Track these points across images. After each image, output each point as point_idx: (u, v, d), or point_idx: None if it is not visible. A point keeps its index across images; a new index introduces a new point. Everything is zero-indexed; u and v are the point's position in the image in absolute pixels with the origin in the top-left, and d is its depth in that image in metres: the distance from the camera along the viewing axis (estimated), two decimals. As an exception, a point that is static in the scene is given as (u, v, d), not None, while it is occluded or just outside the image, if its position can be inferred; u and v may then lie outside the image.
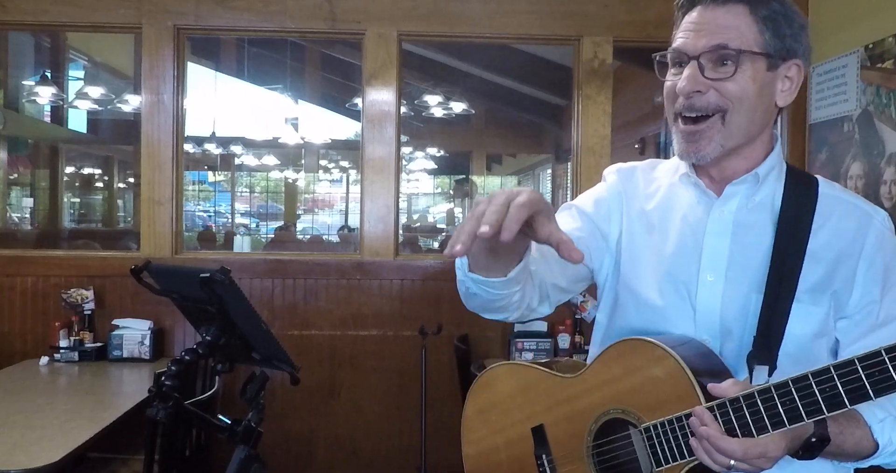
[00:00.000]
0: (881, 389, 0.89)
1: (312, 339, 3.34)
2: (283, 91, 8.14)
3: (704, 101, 1.10)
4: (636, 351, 1.12)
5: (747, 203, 1.17)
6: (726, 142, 1.12)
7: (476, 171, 11.43)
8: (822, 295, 1.12)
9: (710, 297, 1.15)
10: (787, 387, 0.96)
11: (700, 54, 1.10)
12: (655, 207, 1.25)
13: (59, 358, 3.07)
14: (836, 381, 0.92)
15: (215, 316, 1.49)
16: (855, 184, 2.88)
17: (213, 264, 1.94)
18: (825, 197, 1.16)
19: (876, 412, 1.08)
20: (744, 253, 1.15)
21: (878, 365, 0.88)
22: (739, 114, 1.11)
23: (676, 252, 1.20)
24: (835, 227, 1.14)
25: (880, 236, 1.14)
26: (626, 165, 1.34)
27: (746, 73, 1.09)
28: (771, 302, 1.10)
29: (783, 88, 1.14)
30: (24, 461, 1.89)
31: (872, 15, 2.84)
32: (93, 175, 9.89)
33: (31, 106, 7.43)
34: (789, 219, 1.13)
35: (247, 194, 14.12)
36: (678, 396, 1.06)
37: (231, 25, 3.35)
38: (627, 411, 1.14)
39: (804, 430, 1.00)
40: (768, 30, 1.10)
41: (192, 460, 2.69)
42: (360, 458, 3.37)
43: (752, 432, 0.98)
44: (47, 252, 3.68)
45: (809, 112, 3.25)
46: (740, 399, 0.99)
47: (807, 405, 0.94)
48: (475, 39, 3.47)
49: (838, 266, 1.12)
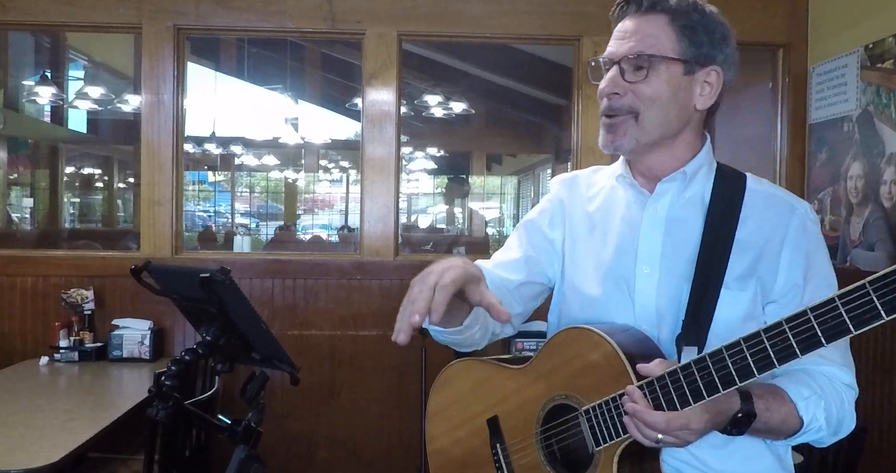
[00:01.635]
0: (783, 357, 0.97)
1: (312, 339, 3.34)
2: (283, 91, 8.13)
3: (620, 103, 1.22)
4: (576, 338, 1.21)
5: (678, 199, 1.26)
6: (641, 138, 1.22)
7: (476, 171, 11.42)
8: (749, 281, 1.20)
9: (646, 289, 1.24)
10: (705, 361, 1.03)
11: (621, 59, 1.21)
12: (597, 209, 1.35)
13: (59, 358, 3.07)
14: (745, 353, 1.00)
15: (215, 316, 1.49)
16: (855, 183, 2.88)
17: (213, 264, 1.94)
18: (752, 191, 1.25)
19: (801, 390, 1.15)
20: (676, 245, 1.24)
21: (780, 335, 0.97)
22: (651, 113, 1.21)
23: (616, 248, 1.29)
24: (760, 218, 1.22)
25: (802, 225, 1.22)
26: (568, 174, 1.45)
27: (661, 77, 1.20)
28: (699, 288, 1.19)
29: (701, 92, 1.23)
30: (24, 461, 1.89)
31: (872, 15, 2.84)
32: (93, 175, 9.89)
33: (31, 106, 7.43)
34: (717, 212, 1.22)
35: (247, 194, 14.11)
36: (614, 378, 1.13)
37: (231, 25, 3.35)
38: (570, 396, 1.21)
39: (730, 406, 1.08)
40: (686, 38, 1.20)
41: (192, 460, 2.69)
42: (360, 458, 3.37)
43: (676, 406, 1.05)
44: (47, 252, 3.68)
45: (809, 112, 3.25)
46: (665, 376, 1.06)
47: (722, 377, 1.02)
48: (475, 39, 3.47)
49: (763, 253, 1.21)
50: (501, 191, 12.07)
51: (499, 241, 10.21)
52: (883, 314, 0.89)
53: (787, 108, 3.32)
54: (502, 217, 11.85)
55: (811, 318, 0.94)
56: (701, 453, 1.20)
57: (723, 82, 1.25)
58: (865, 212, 2.79)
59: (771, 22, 3.32)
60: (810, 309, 0.94)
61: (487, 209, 11.47)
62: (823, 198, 3.11)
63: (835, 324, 0.92)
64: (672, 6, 1.21)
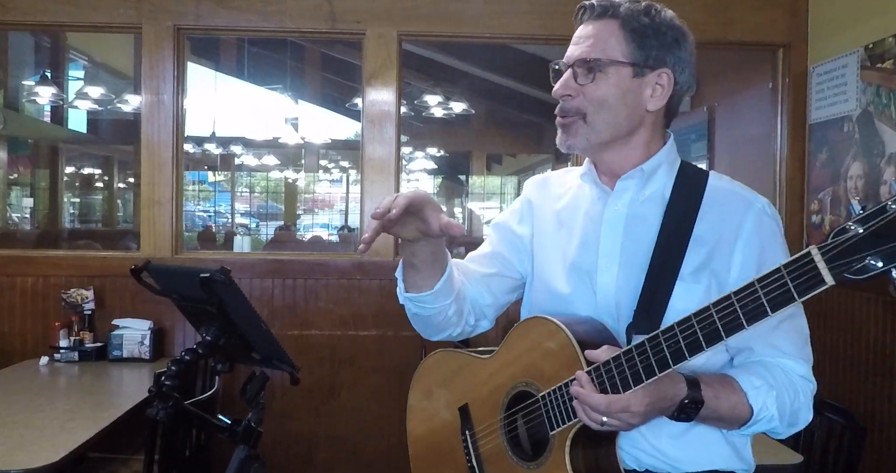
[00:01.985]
0: (710, 339, 1.02)
1: (312, 339, 3.34)
2: (283, 91, 8.13)
3: (570, 104, 1.28)
4: (535, 328, 1.28)
5: (639, 196, 1.31)
6: (592, 138, 1.28)
7: (476, 171, 11.43)
8: (702, 274, 1.23)
9: (606, 282, 1.29)
10: (644, 346, 1.09)
11: (573, 63, 1.27)
12: (564, 207, 1.41)
13: (59, 358, 3.07)
14: (678, 337, 1.05)
15: (215, 316, 1.49)
16: (855, 183, 2.88)
17: (213, 264, 1.94)
18: (713, 188, 1.29)
19: (752, 379, 1.19)
20: (635, 240, 1.28)
21: (707, 319, 1.02)
22: (599, 115, 1.26)
23: (580, 243, 1.34)
24: (718, 213, 1.26)
25: (758, 220, 1.25)
26: (540, 176, 1.52)
27: (609, 80, 1.25)
28: (653, 280, 1.24)
29: (652, 94, 1.27)
30: (24, 461, 1.89)
31: (872, 15, 2.84)
32: (93, 175, 9.89)
33: (31, 106, 7.43)
34: (676, 208, 1.27)
35: (247, 194, 14.11)
36: (567, 365, 1.19)
37: (231, 25, 3.34)
38: (531, 383, 1.27)
39: (676, 392, 1.13)
40: (634, 42, 1.25)
41: (192, 460, 2.69)
42: (360, 458, 3.37)
43: (619, 390, 1.10)
44: (47, 252, 3.67)
45: (809, 112, 3.25)
46: (610, 361, 1.12)
47: (659, 361, 1.07)
48: (475, 39, 3.46)
49: (717, 247, 1.24)
50: (501, 191, 12.06)
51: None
52: (828, 278, 0.91)
53: (787, 108, 3.32)
54: (502, 217, 11.82)
55: (735, 302, 0.98)
56: (659, 442, 1.24)
57: (676, 84, 1.28)
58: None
59: (771, 22, 3.32)
60: (734, 293, 0.99)
61: (487, 209, 11.48)
62: (823, 198, 3.11)
63: (779, 293, 0.95)
64: (622, 12, 1.26)
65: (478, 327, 1.45)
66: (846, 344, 2.93)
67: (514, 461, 1.29)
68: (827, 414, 2.28)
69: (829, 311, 3.04)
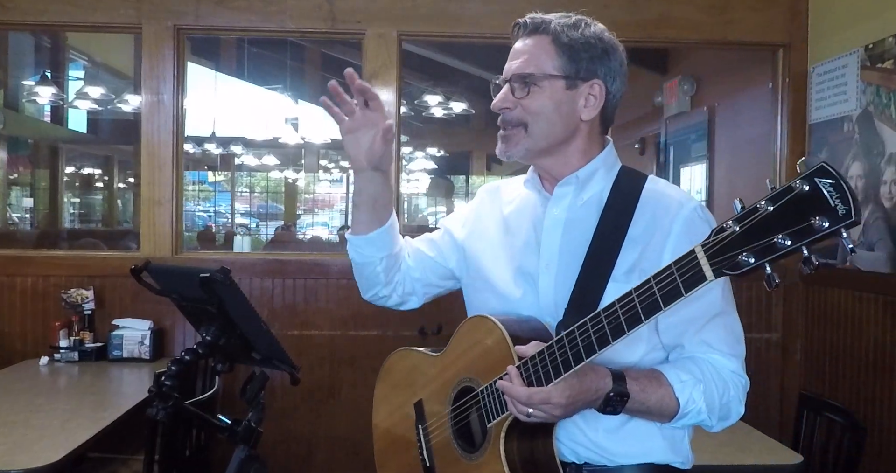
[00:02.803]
0: (616, 332, 1.07)
1: (312, 339, 3.34)
2: (283, 91, 8.13)
3: (510, 116, 1.35)
4: (477, 326, 1.34)
5: (576, 201, 1.36)
6: (531, 146, 1.34)
7: (476, 171, 11.44)
8: (633, 275, 1.26)
9: (546, 283, 1.34)
10: (562, 340, 1.14)
11: (510, 78, 1.34)
12: (512, 212, 1.47)
13: (59, 358, 3.07)
14: (589, 331, 1.11)
15: (215, 316, 1.49)
16: (855, 184, 2.88)
17: (213, 264, 1.94)
18: (649, 191, 1.34)
19: (680, 374, 1.24)
20: (572, 244, 1.33)
21: (613, 314, 1.07)
22: (537, 125, 1.32)
23: (523, 247, 1.40)
24: (651, 215, 1.30)
25: (688, 221, 1.28)
26: (493, 183, 1.59)
27: (544, 93, 1.31)
28: (584, 279, 1.28)
29: (586, 104, 1.33)
30: (24, 461, 1.89)
31: (872, 15, 2.84)
32: (93, 175, 9.89)
33: (31, 106, 7.44)
34: (611, 212, 1.32)
35: (247, 194, 14.10)
36: (502, 360, 1.24)
37: (231, 25, 3.34)
38: (472, 378, 1.34)
39: (600, 386, 1.18)
40: (564, 56, 1.31)
41: (192, 460, 2.69)
42: (360, 458, 3.37)
43: (542, 382, 1.15)
44: (47, 252, 3.67)
45: (809, 112, 3.25)
46: (535, 355, 1.17)
47: (574, 354, 1.12)
48: (475, 39, 3.46)
49: (648, 248, 1.28)
50: (501, 190, 12.04)
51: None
52: (708, 274, 0.96)
53: (787, 108, 3.32)
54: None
55: (635, 298, 1.04)
56: (596, 436, 1.29)
57: (608, 93, 1.34)
58: (865, 212, 2.79)
59: (771, 22, 3.32)
60: (634, 289, 1.05)
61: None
62: (823, 198, 3.11)
63: (671, 289, 1.00)
64: (552, 28, 1.32)
65: (406, 301, 1.55)
66: (846, 344, 2.93)
67: (459, 453, 1.35)
68: (827, 414, 2.28)
69: (829, 311, 3.04)
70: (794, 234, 0.89)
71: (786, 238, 0.89)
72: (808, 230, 0.88)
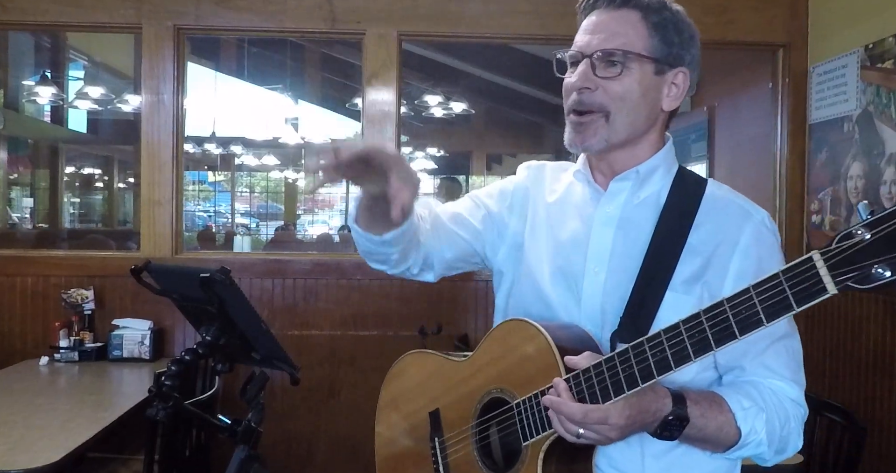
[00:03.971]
0: (699, 350, 0.95)
1: (312, 339, 3.34)
2: (283, 91, 8.13)
3: (591, 98, 1.17)
4: (514, 330, 1.20)
5: (632, 199, 1.23)
6: (610, 137, 1.18)
7: (476, 171, 11.42)
8: (695, 286, 1.16)
9: (593, 287, 1.21)
10: (627, 354, 1.01)
11: (593, 53, 1.16)
12: (556, 202, 1.32)
13: (59, 358, 3.07)
14: (664, 345, 0.98)
15: (215, 316, 1.49)
16: (855, 184, 2.88)
17: (213, 264, 1.94)
18: (711, 196, 1.22)
19: (742, 400, 1.11)
20: (626, 245, 1.20)
21: (696, 327, 0.95)
22: (622, 113, 1.17)
23: (568, 244, 1.26)
24: (715, 223, 1.19)
25: (757, 232, 1.18)
26: (537, 162, 1.41)
27: (633, 76, 1.16)
28: (641, 289, 1.16)
29: (669, 94, 1.21)
30: (24, 461, 1.89)
31: (872, 15, 2.84)
32: (93, 175, 9.89)
33: (31, 106, 7.43)
34: (671, 215, 1.20)
35: (247, 194, 14.11)
36: (545, 371, 1.11)
37: (231, 25, 3.34)
38: (505, 390, 1.19)
39: (660, 407, 1.05)
40: (657, 36, 1.17)
41: (192, 460, 2.68)
42: (360, 458, 3.37)
43: (598, 400, 1.03)
44: (47, 252, 3.67)
45: (809, 112, 3.25)
46: (590, 368, 1.04)
47: (642, 370, 0.99)
48: (475, 39, 3.47)
49: (713, 259, 1.17)
50: (501, 190, 12.05)
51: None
52: (829, 287, 0.84)
53: (787, 108, 3.32)
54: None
55: (727, 309, 0.92)
56: (640, 460, 1.16)
57: (689, 84, 1.22)
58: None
59: (771, 22, 3.32)
60: (726, 300, 0.92)
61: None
62: (823, 198, 3.11)
63: (776, 301, 0.88)
64: (645, 2, 1.18)
65: (420, 276, 1.34)
66: (846, 344, 2.93)
67: (484, 472, 1.22)
68: (827, 414, 2.28)
69: (829, 311, 3.04)
70: None
71: None
72: None
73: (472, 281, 3.33)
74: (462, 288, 3.38)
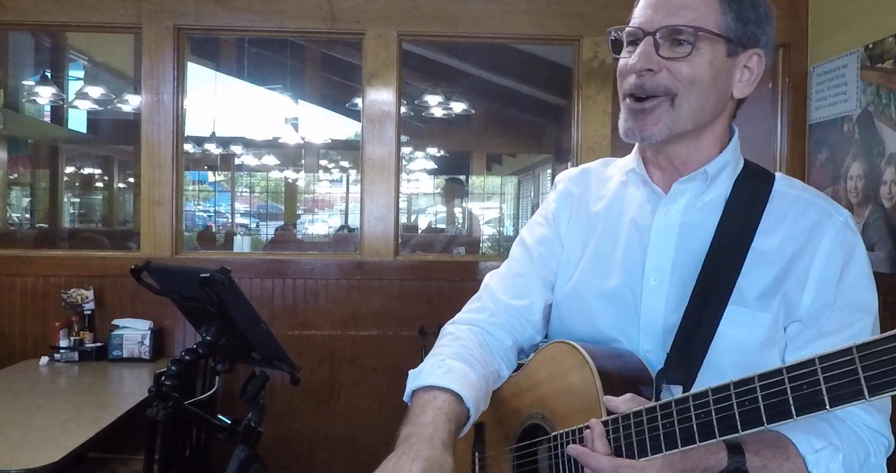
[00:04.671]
0: (747, 422, 0.80)
1: (312, 339, 3.34)
2: (283, 91, 8.13)
3: (655, 82, 1.02)
4: (562, 355, 1.09)
5: (696, 202, 1.09)
6: (674, 126, 1.04)
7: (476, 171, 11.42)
8: (772, 300, 1.02)
9: (653, 303, 1.07)
10: (670, 408, 0.88)
11: (656, 31, 1.02)
12: (604, 207, 1.18)
13: (59, 358, 3.07)
14: (710, 407, 0.83)
15: (215, 316, 1.49)
16: (855, 184, 2.88)
17: (213, 264, 1.94)
18: (781, 195, 1.08)
19: (813, 441, 0.96)
20: (688, 255, 1.06)
21: (748, 394, 0.80)
22: (690, 98, 1.03)
23: (624, 254, 1.12)
24: (791, 227, 1.05)
25: (840, 236, 1.04)
26: (576, 170, 1.28)
27: (703, 56, 1.02)
28: (695, 308, 1.02)
29: (741, 78, 1.07)
30: (24, 461, 1.89)
31: (872, 15, 2.84)
32: (93, 175, 9.89)
33: (31, 106, 7.43)
34: (732, 217, 1.05)
35: (247, 194, 14.11)
36: (586, 406, 1.01)
37: (231, 25, 3.34)
38: (546, 417, 1.10)
39: (710, 462, 0.92)
40: (732, 12, 1.02)
41: (192, 460, 2.69)
42: (360, 458, 3.37)
43: (634, 453, 0.91)
44: (47, 252, 3.67)
45: (809, 112, 3.25)
46: (630, 416, 0.92)
47: (684, 431, 0.86)
48: (475, 39, 3.46)
49: (792, 266, 1.03)
50: (501, 191, 12.06)
51: (498, 241, 10.20)
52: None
53: (787, 108, 3.32)
54: (502, 217, 11.85)
55: (819, 370, 0.75)
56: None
57: (763, 68, 1.08)
58: (865, 212, 2.79)
59: (771, 22, 3.32)
60: (819, 359, 0.75)
61: (487, 209, 11.48)
62: (823, 198, 3.11)
63: (845, 383, 0.73)
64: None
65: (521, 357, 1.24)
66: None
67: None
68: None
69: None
70: None
71: None
72: None
73: (472, 280, 3.33)
74: (462, 289, 3.38)
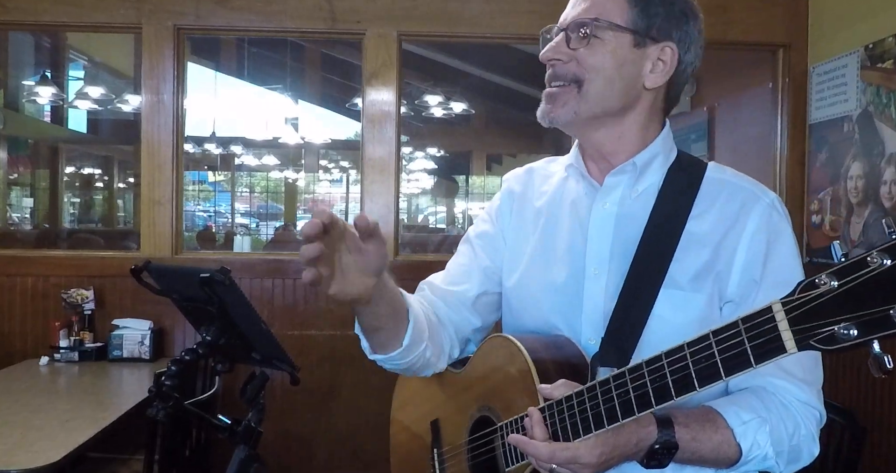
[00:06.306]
0: (660, 396, 0.85)
1: (312, 339, 3.34)
2: (283, 91, 8.14)
3: (564, 70, 1.13)
4: (500, 348, 1.14)
5: (630, 193, 1.16)
6: (581, 110, 1.12)
7: (476, 171, 11.44)
8: (705, 281, 1.08)
9: (593, 292, 1.13)
10: (595, 390, 0.93)
11: (567, 26, 1.13)
12: (547, 203, 1.25)
13: (59, 358, 3.07)
14: (628, 387, 0.88)
15: (215, 317, 1.49)
16: (855, 184, 2.88)
17: (213, 264, 1.94)
18: (712, 181, 1.14)
19: (740, 413, 1.02)
20: (625, 244, 1.12)
21: (657, 371, 0.85)
22: (596, 84, 1.11)
23: (566, 246, 1.19)
24: (720, 210, 1.11)
25: (766, 217, 1.10)
26: (521, 169, 1.35)
27: (607, 46, 1.10)
28: (629, 293, 1.07)
29: (652, 69, 1.13)
30: (24, 461, 1.89)
31: (872, 15, 2.84)
32: (93, 175, 9.89)
33: (31, 106, 7.44)
34: (665, 204, 1.12)
35: (247, 194, 14.11)
36: (526, 395, 1.04)
37: (231, 25, 3.34)
38: (492, 409, 1.15)
39: (642, 436, 0.96)
40: (637, 7, 1.11)
41: (192, 460, 2.69)
42: (360, 458, 3.37)
43: (569, 435, 0.95)
44: (47, 252, 3.67)
45: (809, 112, 3.25)
46: (563, 401, 0.97)
47: (609, 410, 0.91)
48: (475, 39, 3.46)
49: (721, 248, 1.09)
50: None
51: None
52: (789, 344, 0.74)
53: (787, 108, 3.32)
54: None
55: (713, 344, 0.80)
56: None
57: (680, 63, 1.14)
58: (865, 212, 2.79)
59: (771, 22, 3.32)
60: (713, 334, 0.81)
61: (487, 209, 11.46)
62: (823, 198, 3.11)
63: (734, 354, 0.78)
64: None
65: (466, 352, 1.29)
66: (846, 344, 2.92)
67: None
68: (827, 414, 2.28)
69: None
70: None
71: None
72: None
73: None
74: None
